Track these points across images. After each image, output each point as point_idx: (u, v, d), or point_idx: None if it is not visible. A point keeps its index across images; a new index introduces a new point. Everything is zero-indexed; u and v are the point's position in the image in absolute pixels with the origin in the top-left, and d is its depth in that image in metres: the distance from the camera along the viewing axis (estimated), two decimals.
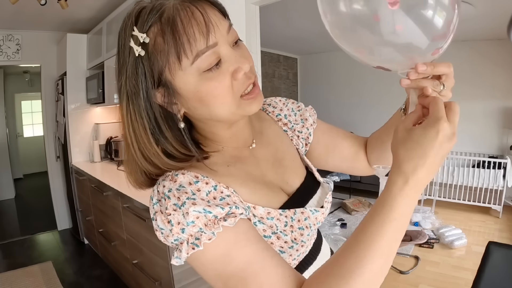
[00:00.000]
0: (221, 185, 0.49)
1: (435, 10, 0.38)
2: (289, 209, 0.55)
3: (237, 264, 0.43)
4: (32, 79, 6.07)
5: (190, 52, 0.44)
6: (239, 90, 0.49)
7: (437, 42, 0.41)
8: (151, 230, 1.69)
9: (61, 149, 3.48)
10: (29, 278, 2.60)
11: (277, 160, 0.63)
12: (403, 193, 0.40)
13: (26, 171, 6.58)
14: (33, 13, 2.77)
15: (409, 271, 2.60)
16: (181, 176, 0.47)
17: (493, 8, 2.90)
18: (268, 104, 0.72)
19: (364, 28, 0.40)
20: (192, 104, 0.49)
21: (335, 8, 0.42)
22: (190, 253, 0.44)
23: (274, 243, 0.52)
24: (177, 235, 0.44)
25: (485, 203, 3.87)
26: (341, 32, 0.44)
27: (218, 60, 0.46)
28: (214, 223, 0.44)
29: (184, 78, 0.46)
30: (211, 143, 0.57)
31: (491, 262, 1.19)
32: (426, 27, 0.39)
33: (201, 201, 0.45)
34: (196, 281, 1.66)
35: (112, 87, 2.82)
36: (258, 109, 0.52)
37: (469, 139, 4.42)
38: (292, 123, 0.70)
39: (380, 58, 0.44)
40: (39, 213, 4.29)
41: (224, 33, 0.47)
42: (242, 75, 0.48)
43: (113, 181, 2.32)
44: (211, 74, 0.46)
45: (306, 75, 6.11)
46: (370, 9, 0.38)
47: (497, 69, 4.05)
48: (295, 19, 3.55)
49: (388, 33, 0.39)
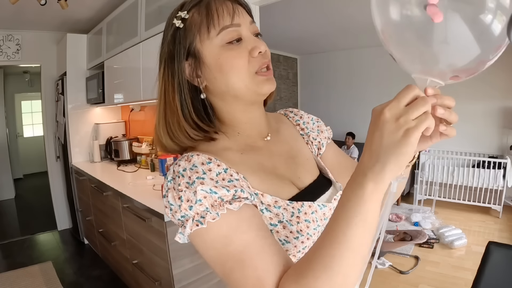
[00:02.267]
0: (232, 169, 0.52)
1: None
2: (297, 201, 0.57)
3: (236, 246, 0.46)
4: (32, 79, 6.07)
5: (217, 25, 0.54)
6: (254, 66, 0.55)
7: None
8: (151, 230, 1.70)
9: (61, 149, 3.48)
10: (29, 278, 2.60)
11: (290, 156, 0.66)
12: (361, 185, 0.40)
13: (26, 171, 6.58)
14: (33, 13, 2.77)
15: (409, 271, 2.60)
16: (196, 157, 0.52)
17: None
18: (290, 111, 0.79)
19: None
20: (213, 74, 0.56)
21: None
22: (193, 230, 0.47)
23: (279, 232, 0.54)
24: (185, 212, 0.47)
25: (485, 203, 3.87)
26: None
27: (239, 37, 0.55)
28: (220, 204, 0.46)
29: (210, 47, 0.55)
30: (228, 129, 0.61)
31: (491, 262, 1.19)
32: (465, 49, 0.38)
33: (210, 181, 0.48)
34: (196, 281, 1.66)
35: (112, 87, 2.82)
36: (270, 90, 0.57)
37: (469, 139, 4.43)
38: (309, 130, 0.75)
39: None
40: (39, 213, 4.29)
41: (247, 23, 0.57)
42: (258, 53, 0.55)
43: (113, 181, 2.32)
44: (232, 46, 0.55)
45: (306, 75, 6.11)
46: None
47: (497, 69, 4.05)
48: (295, 19, 3.55)
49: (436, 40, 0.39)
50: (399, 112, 0.38)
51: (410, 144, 0.37)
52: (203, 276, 1.69)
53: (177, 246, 1.60)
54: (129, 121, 3.40)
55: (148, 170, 2.66)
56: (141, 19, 2.25)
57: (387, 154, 0.38)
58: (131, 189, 2.06)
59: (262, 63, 0.56)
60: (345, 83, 5.48)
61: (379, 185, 0.38)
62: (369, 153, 0.39)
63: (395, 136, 0.37)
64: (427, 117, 0.38)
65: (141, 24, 2.26)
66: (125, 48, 2.50)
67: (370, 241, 0.41)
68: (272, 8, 2.30)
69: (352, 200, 0.40)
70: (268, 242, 0.47)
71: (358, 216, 0.39)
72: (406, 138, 0.37)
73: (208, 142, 0.59)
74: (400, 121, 0.37)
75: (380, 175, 0.38)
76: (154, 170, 2.60)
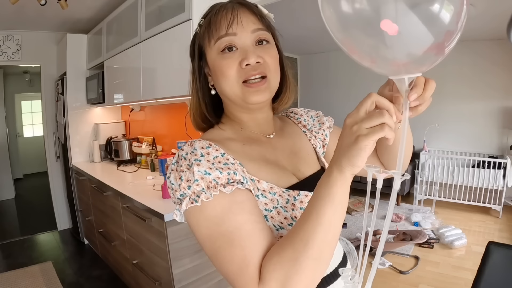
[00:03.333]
0: (229, 155, 0.56)
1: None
2: (294, 190, 0.60)
3: (227, 227, 0.49)
4: (32, 79, 6.07)
5: (215, 34, 0.60)
6: (241, 76, 0.59)
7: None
8: (151, 230, 1.70)
9: (61, 149, 3.48)
10: (29, 278, 2.60)
11: (293, 151, 0.70)
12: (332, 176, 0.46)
13: (26, 171, 6.58)
14: (33, 13, 2.77)
15: (409, 271, 2.60)
16: (197, 142, 0.57)
17: (493, 7, 2.90)
18: (291, 111, 0.84)
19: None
20: (213, 77, 0.64)
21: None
22: (188, 207, 0.51)
23: (274, 217, 0.57)
24: (183, 190, 0.52)
25: (485, 203, 3.87)
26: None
27: (231, 46, 0.60)
28: (214, 186, 0.51)
29: (211, 54, 0.62)
30: (233, 123, 0.68)
31: (491, 262, 1.19)
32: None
33: (206, 163, 0.53)
34: (196, 281, 1.66)
35: (112, 87, 2.82)
36: (258, 101, 0.60)
37: (469, 139, 4.42)
38: (310, 126, 0.80)
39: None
40: (39, 213, 4.30)
41: (247, 31, 0.60)
42: (246, 65, 0.58)
43: (113, 181, 2.32)
44: (226, 55, 0.60)
45: (306, 75, 6.11)
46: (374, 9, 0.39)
47: (497, 69, 4.05)
48: (295, 19, 3.55)
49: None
50: (355, 120, 0.44)
51: (360, 149, 0.42)
52: (203, 276, 1.69)
53: (177, 246, 1.60)
54: (129, 121, 3.40)
55: (148, 170, 2.66)
56: (141, 19, 2.25)
57: (343, 153, 0.44)
58: (131, 189, 2.06)
59: (249, 75, 0.59)
60: (345, 83, 5.47)
61: (341, 174, 0.44)
62: (336, 149, 0.46)
63: (348, 140, 0.43)
64: (382, 129, 0.41)
65: (141, 24, 2.26)
66: (125, 48, 2.50)
67: (337, 220, 0.46)
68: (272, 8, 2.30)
69: (322, 185, 0.46)
70: (259, 227, 0.50)
71: (326, 197, 0.45)
72: (356, 143, 0.42)
73: (215, 131, 0.67)
74: (353, 128, 0.43)
75: (340, 167, 0.44)
76: (154, 170, 2.60)
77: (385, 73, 0.46)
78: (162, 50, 2.04)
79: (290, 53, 5.83)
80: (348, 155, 0.43)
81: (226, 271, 0.49)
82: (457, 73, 4.32)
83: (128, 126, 3.43)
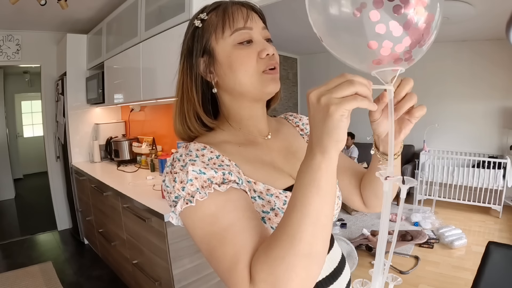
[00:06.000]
0: (225, 157, 0.56)
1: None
2: (290, 191, 0.58)
3: (220, 225, 0.48)
4: (32, 79, 6.08)
5: (232, 26, 0.60)
6: (261, 67, 0.60)
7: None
8: (151, 230, 1.69)
9: (61, 149, 3.48)
10: (29, 278, 2.60)
11: (290, 152, 0.69)
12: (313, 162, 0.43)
13: (26, 171, 6.58)
14: (33, 13, 2.77)
15: (409, 271, 2.60)
16: (192, 144, 0.57)
17: (492, 7, 2.90)
18: (289, 114, 0.84)
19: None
20: (224, 71, 0.61)
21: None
22: (183, 208, 0.50)
23: (271, 219, 0.56)
24: (178, 192, 0.51)
25: (485, 203, 3.87)
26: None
27: (250, 39, 0.60)
28: (208, 186, 0.50)
29: (223, 45, 0.61)
30: (232, 123, 0.66)
31: (491, 262, 1.19)
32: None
33: (200, 163, 0.52)
34: (196, 281, 1.66)
35: (112, 87, 2.82)
36: (274, 90, 0.62)
37: (469, 139, 4.43)
38: (308, 130, 0.77)
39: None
40: (39, 213, 4.30)
41: (259, 28, 0.62)
42: (265, 55, 0.60)
43: (113, 181, 2.32)
44: (242, 46, 0.60)
45: (306, 75, 6.11)
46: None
47: (497, 69, 4.05)
48: (295, 19, 3.55)
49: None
50: (320, 92, 0.41)
51: (336, 120, 0.39)
52: (203, 276, 1.69)
53: (177, 246, 1.60)
54: (129, 121, 3.40)
55: (148, 170, 2.66)
56: (141, 19, 2.25)
57: (320, 131, 0.41)
58: (131, 189, 2.06)
59: (269, 64, 0.60)
60: None
61: (325, 155, 0.41)
62: (311, 130, 0.43)
63: (320, 115, 0.40)
64: (355, 98, 0.39)
65: (141, 24, 2.26)
66: (125, 48, 2.50)
67: (327, 209, 0.42)
68: (272, 8, 2.30)
69: (305, 171, 0.43)
70: (253, 224, 0.49)
71: (312, 184, 0.42)
72: (329, 116, 0.39)
73: (210, 134, 0.65)
74: (321, 100, 0.40)
75: (322, 147, 0.41)
76: (154, 170, 2.60)
77: (366, 71, 0.46)
78: (162, 50, 2.04)
79: (290, 53, 5.83)
80: (327, 130, 0.40)
81: (220, 270, 0.47)
82: (457, 73, 4.32)
83: (128, 126, 3.44)
